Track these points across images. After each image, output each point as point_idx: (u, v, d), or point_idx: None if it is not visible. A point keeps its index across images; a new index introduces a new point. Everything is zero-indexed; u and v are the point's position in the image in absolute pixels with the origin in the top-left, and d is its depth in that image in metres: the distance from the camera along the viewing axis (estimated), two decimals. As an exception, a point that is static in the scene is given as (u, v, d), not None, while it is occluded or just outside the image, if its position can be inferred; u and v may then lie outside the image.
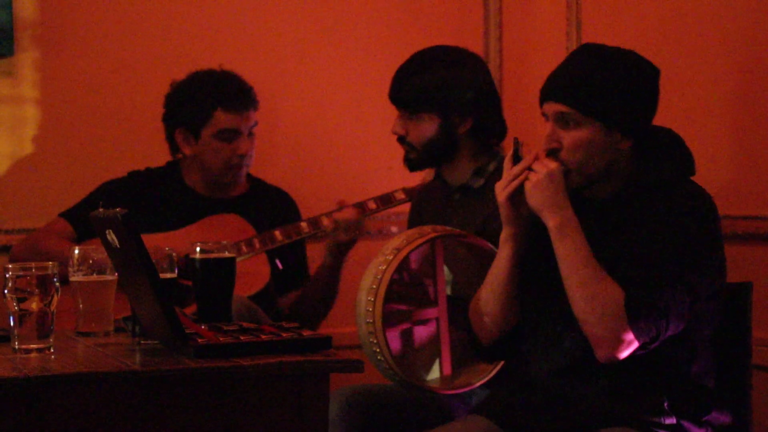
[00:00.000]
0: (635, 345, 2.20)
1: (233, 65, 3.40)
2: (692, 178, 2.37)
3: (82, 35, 3.59)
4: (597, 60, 2.32)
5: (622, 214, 2.31)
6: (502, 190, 2.32)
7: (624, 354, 2.21)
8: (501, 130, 2.91)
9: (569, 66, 2.35)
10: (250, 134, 3.34)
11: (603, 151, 2.30)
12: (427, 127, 2.86)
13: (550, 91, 2.33)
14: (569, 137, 2.30)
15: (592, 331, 2.22)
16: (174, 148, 3.39)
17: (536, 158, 2.29)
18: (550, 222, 2.26)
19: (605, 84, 2.29)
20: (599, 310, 2.20)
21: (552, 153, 2.30)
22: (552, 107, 2.31)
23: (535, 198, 2.28)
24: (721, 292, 2.33)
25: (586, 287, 2.22)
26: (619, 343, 2.19)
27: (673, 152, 2.35)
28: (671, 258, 2.22)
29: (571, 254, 2.24)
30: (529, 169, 2.29)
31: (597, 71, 2.29)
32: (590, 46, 2.37)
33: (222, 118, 3.30)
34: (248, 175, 3.46)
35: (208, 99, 3.29)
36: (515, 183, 2.31)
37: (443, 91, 2.83)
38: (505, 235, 2.36)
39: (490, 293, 2.41)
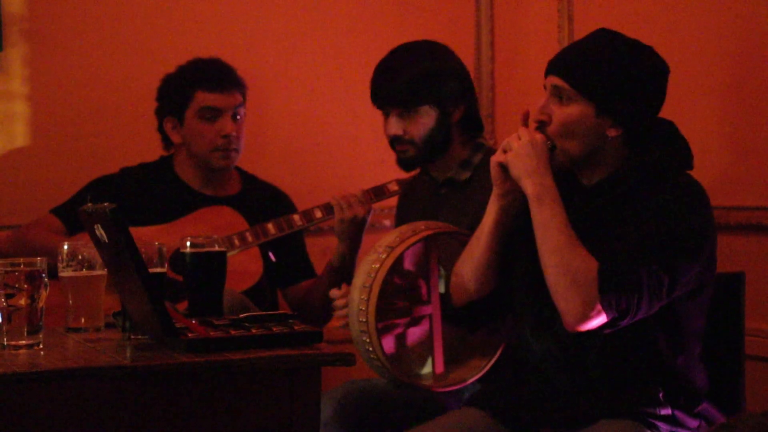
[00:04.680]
0: (603, 318, 2.19)
1: (223, 59, 3.39)
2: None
3: (71, 29, 3.57)
4: (606, 43, 2.32)
5: (608, 200, 2.30)
6: (496, 154, 2.34)
7: (590, 325, 2.19)
8: (480, 120, 2.92)
9: (579, 44, 2.36)
10: (236, 116, 3.32)
11: (589, 134, 2.29)
12: (426, 121, 2.83)
13: (553, 64, 2.34)
14: (560, 112, 2.30)
15: (561, 297, 2.20)
16: (166, 141, 3.38)
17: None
18: (529, 189, 2.26)
19: (606, 66, 2.28)
20: (570, 277, 2.19)
21: (540, 125, 2.31)
22: (551, 80, 2.32)
23: (516, 166, 2.28)
24: (709, 285, 2.31)
25: (559, 254, 2.21)
26: (586, 312, 2.18)
27: (667, 145, 2.32)
28: (651, 237, 2.20)
29: (547, 221, 2.24)
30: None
31: (601, 53, 2.29)
32: (606, 30, 2.36)
33: (202, 98, 3.29)
34: (242, 172, 3.44)
35: (188, 81, 3.31)
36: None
37: (436, 81, 2.81)
38: (492, 196, 2.37)
39: (467, 255, 2.42)
